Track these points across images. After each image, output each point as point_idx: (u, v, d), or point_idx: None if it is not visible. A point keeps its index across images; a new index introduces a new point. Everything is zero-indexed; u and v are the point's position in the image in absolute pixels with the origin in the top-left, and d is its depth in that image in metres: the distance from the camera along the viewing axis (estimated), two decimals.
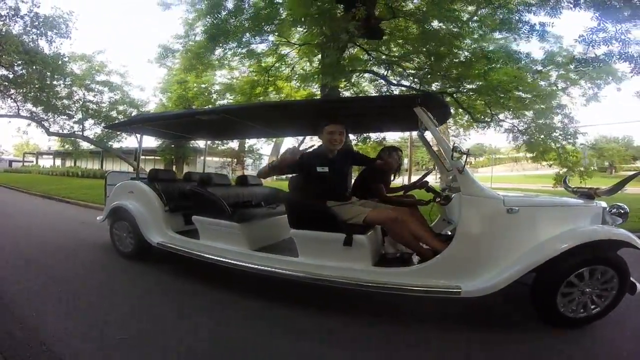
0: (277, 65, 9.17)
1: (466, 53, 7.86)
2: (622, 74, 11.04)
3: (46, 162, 34.90)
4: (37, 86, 12.59)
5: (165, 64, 10.40)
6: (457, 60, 7.64)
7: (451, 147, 2.27)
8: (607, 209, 2.58)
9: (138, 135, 4.08)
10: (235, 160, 18.78)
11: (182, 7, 8.34)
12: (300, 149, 2.77)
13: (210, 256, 3.05)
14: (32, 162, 37.56)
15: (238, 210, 3.12)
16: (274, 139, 14.40)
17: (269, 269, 2.72)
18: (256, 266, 2.79)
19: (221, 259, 2.98)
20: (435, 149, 3.36)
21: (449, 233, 3.03)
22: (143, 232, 3.52)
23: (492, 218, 2.30)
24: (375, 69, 8.63)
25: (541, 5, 7.05)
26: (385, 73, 8.56)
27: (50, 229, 5.67)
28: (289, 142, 18.75)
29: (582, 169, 9.86)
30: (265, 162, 18.98)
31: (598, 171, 36.23)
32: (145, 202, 3.66)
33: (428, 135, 3.21)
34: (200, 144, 16.55)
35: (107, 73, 16.06)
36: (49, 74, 12.44)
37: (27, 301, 2.59)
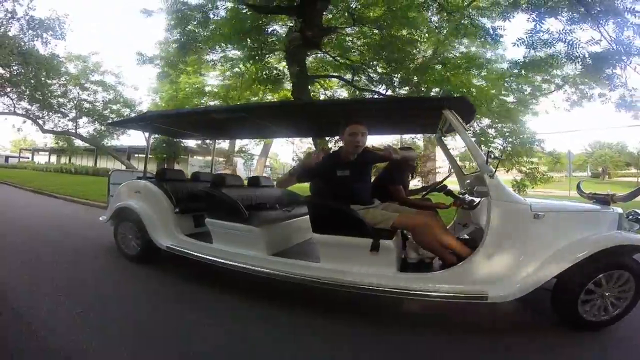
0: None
1: (420, 60, 8.16)
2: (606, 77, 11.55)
3: (42, 159, 34.21)
4: (32, 85, 13.07)
5: (157, 64, 10.44)
6: (412, 66, 7.87)
7: (486, 152, 2.27)
8: (625, 214, 2.63)
9: (146, 133, 3.93)
10: (225, 160, 18.62)
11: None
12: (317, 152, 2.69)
13: (225, 261, 2.95)
14: (28, 158, 36.75)
15: (255, 213, 3.04)
16: (263, 140, 14.27)
17: (290, 274, 2.65)
18: (276, 272, 2.71)
19: (237, 264, 2.89)
20: (455, 152, 3.40)
21: (466, 237, 3.05)
22: (151, 235, 3.39)
23: (520, 223, 2.31)
24: (345, 74, 8.87)
25: (492, 10, 7.31)
26: (352, 78, 8.74)
27: (36, 220, 6.08)
28: (278, 143, 18.54)
29: (537, 174, 10.33)
30: (255, 162, 18.81)
31: (592, 177, 37.68)
32: (153, 203, 3.53)
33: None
34: (190, 143, 16.73)
35: (102, 73, 16.28)
36: (44, 73, 12.92)
37: None
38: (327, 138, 7.26)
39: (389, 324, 2.45)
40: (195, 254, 3.14)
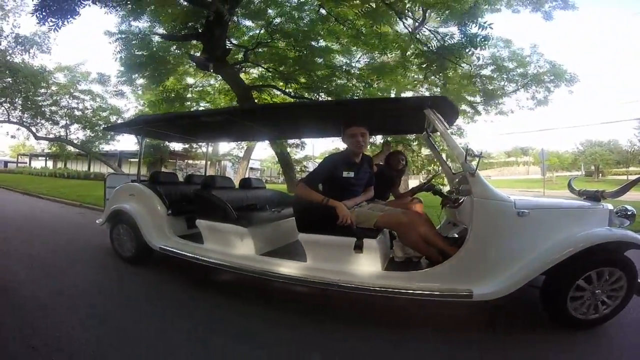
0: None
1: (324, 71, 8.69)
2: (571, 75, 11.87)
3: (39, 164, 35.22)
4: (23, 96, 14.31)
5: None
6: (320, 74, 8.49)
7: (464, 150, 2.25)
8: (614, 210, 2.59)
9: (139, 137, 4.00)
10: (210, 163, 19.04)
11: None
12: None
13: (215, 260, 2.98)
14: (26, 163, 37.96)
15: (244, 213, 3.07)
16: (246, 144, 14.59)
17: (277, 273, 2.67)
18: (263, 271, 2.73)
19: (226, 263, 2.92)
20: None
21: (456, 236, 3.03)
22: (144, 236, 3.45)
23: (504, 221, 2.29)
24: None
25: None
26: (284, 87, 9.42)
27: (23, 216, 7.17)
28: (260, 147, 18.64)
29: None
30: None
31: (585, 176, 37.00)
32: (146, 205, 3.58)
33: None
34: (177, 147, 17.18)
35: (90, 82, 16.86)
36: (32, 85, 13.98)
37: None
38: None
39: (374, 323, 2.44)
40: (187, 254, 3.18)
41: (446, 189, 3.31)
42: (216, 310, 2.63)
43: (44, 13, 4.96)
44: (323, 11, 7.35)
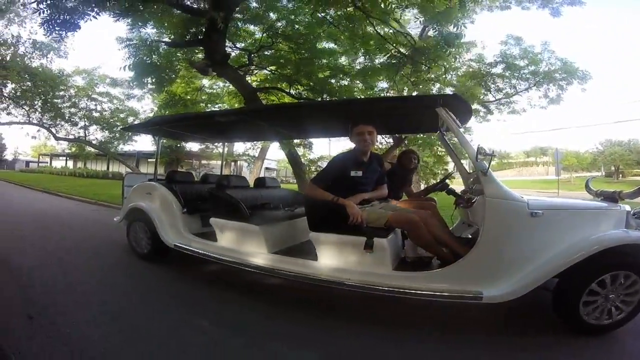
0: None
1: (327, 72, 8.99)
2: (583, 73, 11.63)
3: (60, 163, 36.54)
4: (42, 99, 15.00)
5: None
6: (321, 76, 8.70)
7: (476, 149, 2.24)
8: (632, 212, 2.53)
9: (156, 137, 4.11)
10: (226, 163, 19.28)
11: None
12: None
13: (228, 258, 3.05)
14: (47, 163, 39.33)
15: (256, 212, 3.12)
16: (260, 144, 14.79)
17: (288, 272, 2.71)
18: (274, 269, 2.78)
19: (239, 261, 2.97)
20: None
21: (470, 236, 3.01)
22: (160, 234, 3.54)
23: (516, 222, 2.26)
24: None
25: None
26: (289, 89, 9.56)
27: (42, 213, 7.72)
28: (275, 147, 18.74)
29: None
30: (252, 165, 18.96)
31: (605, 176, 35.80)
32: (162, 203, 3.68)
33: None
34: (193, 148, 17.51)
35: (107, 84, 17.25)
36: (50, 89, 14.67)
37: None
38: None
39: (384, 322, 2.45)
40: (201, 251, 3.26)
41: (460, 188, 3.28)
42: (228, 307, 2.70)
43: (50, 26, 5.58)
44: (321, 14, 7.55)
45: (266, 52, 8.77)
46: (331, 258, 2.63)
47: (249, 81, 9.68)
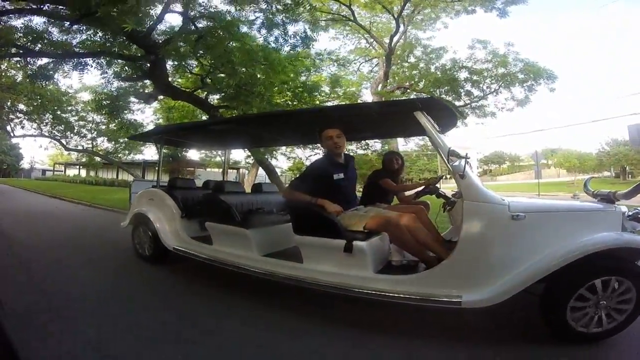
0: None
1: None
2: (549, 73, 11.85)
3: (74, 171, 39.59)
4: (51, 114, 16.90)
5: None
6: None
7: (447, 152, 2.22)
8: (626, 213, 2.41)
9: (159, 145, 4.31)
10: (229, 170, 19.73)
11: None
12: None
13: (222, 261, 3.15)
14: (62, 171, 42.82)
15: (247, 216, 3.21)
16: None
17: (275, 273, 2.77)
18: (262, 271, 2.85)
19: (230, 263, 3.08)
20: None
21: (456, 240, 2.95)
22: (161, 237, 3.70)
23: (496, 225, 2.20)
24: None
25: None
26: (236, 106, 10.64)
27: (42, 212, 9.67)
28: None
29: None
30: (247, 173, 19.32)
31: (615, 177, 33.56)
32: (163, 208, 3.85)
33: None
34: (194, 156, 18.83)
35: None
36: (57, 105, 16.39)
37: None
38: None
39: (364, 327, 2.45)
40: (197, 254, 3.39)
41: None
42: (219, 306, 2.83)
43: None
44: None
45: (212, 77, 9.77)
46: (315, 261, 2.66)
47: (211, 99, 11.24)
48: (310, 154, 13.82)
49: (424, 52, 13.80)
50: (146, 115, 18.59)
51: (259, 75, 9.09)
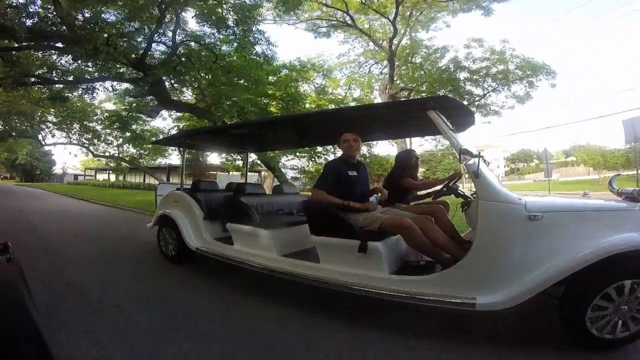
0: None
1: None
2: (548, 69, 11.97)
3: (104, 176, 42.01)
4: (78, 123, 18.65)
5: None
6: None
7: (459, 151, 2.21)
8: None
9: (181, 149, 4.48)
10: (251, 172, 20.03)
11: None
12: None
13: (242, 261, 3.25)
14: (92, 176, 45.85)
15: (268, 217, 3.29)
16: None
17: (293, 273, 2.84)
18: (280, 271, 2.92)
19: (250, 263, 3.17)
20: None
21: None
22: (184, 238, 3.84)
23: (512, 225, 2.15)
24: None
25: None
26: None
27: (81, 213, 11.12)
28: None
29: None
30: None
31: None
32: (186, 210, 3.99)
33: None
34: (214, 161, 20.05)
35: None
36: (83, 116, 17.96)
37: None
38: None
39: (376, 326, 2.46)
40: (218, 254, 3.51)
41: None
42: (240, 305, 2.90)
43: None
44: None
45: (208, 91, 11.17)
46: (332, 261, 2.71)
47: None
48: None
49: (427, 52, 14.02)
50: (167, 122, 19.92)
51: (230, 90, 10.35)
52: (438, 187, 3.24)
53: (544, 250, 2.12)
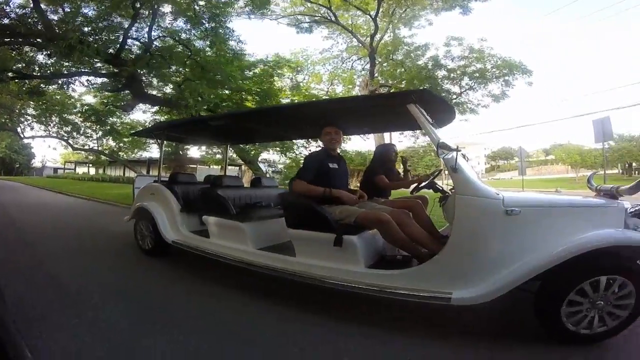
0: None
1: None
2: (524, 68, 12.33)
3: (84, 169, 41.48)
4: (57, 116, 18.24)
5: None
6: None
7: (437, 145, 2.16)
8: (629, 209, 2.31)
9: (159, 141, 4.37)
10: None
11: None
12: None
13: (217, 254, 3.17)
14: (72, 169, 45.11)
15: (243, 210, 3.22)
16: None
17: (268, 267, 2.78)
18: (256, 264, 2.85)
19: (225, 256, 3.09)
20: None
21: None
22: (161, 231, 3.74)
23: (489, 220, 2.12)
24: None
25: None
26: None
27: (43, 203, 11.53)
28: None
29: None
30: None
31: (622, 174, 32.12)
32: (163, 203, 3.89)
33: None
34: (195, 154, 19.83)
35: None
36: (62, 109, 17.60)
37: None
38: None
39: (351, 320, 2.42)
40: (194, 247, 3.43)
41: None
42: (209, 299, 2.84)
43: None
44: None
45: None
46: (307, 254, 2.66)
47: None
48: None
49: (408, 49, 14.18)
50: (147, 116, 19.24)
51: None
52: (413, 186, 3.23)
53: (522, 245, 2.10)
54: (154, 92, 12.85)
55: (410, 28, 14.79)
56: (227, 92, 11.80)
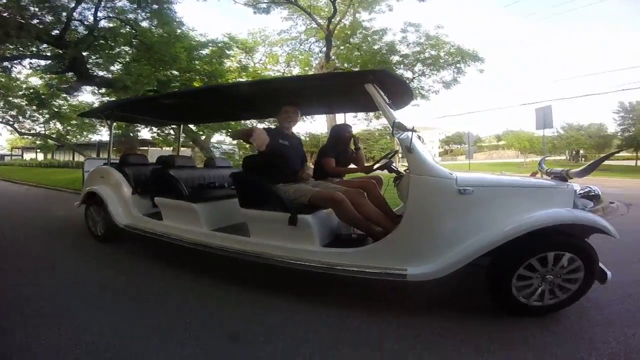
0: None
1: None
2: (476, 55, 12.66)
3: (32, 155, 39.47)
4: (2, 100, 17.04)
5: None
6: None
7: (392, 125, 2.12)
8: (577, 191, 2.38)
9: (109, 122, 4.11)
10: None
11: None
12: None
13: (171, 236, 3.06)
14: (20, 156, 42.85)
15: (195, 191, 3.10)
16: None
17: (222, 248, 2.70)
18: (210, 246, 2.77)
19: (179, 238, 2.99)
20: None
21: None
22: (112, 215, 3.55)
23: (442, 199, 2.13)
24: None
25: None
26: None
27: None
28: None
29: None
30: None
31: (570, 160, 34.36)
32: (114, 186, 3.69)
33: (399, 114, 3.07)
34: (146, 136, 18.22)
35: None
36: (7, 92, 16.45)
37: None
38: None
39: (308, 299, 2.39)
40: (147, 230, 3.28)
41: None
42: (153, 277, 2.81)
43: None
44: None
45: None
46: (262, 234, 2.60)
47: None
48: None
49: (365, 33, 14.05)
50: (96, 97, 18.56)
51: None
52: (362, 174, 3.22)
53: (474, 223, 2.13)
54: (102, 74, 12.20)
55: (370, 12, 14.61)
56: (175, 72, 11.57)
